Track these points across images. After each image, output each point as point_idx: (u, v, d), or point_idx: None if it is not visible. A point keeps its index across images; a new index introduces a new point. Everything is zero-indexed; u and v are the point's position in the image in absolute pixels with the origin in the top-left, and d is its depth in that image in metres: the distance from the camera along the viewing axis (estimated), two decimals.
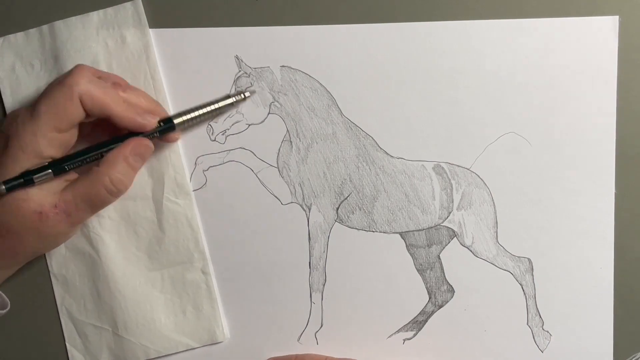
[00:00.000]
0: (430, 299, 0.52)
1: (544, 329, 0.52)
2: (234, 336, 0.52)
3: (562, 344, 0.52)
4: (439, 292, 0.52)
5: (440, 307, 0.52)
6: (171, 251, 0.52)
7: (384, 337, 0.52)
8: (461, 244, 0.52)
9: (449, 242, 0.52)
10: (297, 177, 0.52)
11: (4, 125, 0.47)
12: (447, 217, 0.52)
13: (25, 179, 0.45)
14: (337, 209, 0.52)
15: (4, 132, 0.46)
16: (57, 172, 0.46)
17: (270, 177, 0.52)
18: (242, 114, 0.51)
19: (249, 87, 0.51)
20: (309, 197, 0.52)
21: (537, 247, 0.52)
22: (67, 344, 0.52)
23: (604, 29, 0.51)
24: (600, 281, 0.52)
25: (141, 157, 0.49)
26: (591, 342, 0.52)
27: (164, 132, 0.49)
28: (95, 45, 0.51)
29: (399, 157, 0.52)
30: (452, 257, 0.52)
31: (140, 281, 0.52)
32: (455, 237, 0.52)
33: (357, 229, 0.52)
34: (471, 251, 0.52)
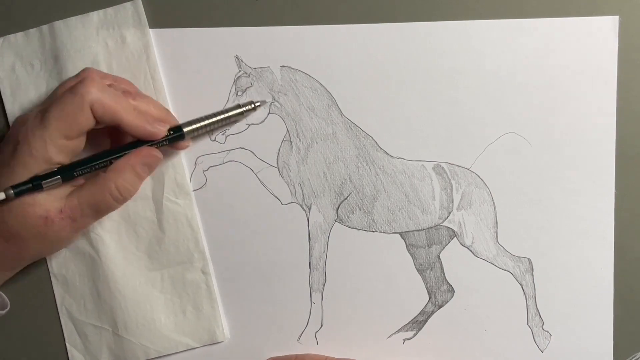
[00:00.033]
0: (430, 299, 0.52)
1: (544, 329, 0.52)
2: (234, 336, 0.52)
3: (562, 344, 0.52)
4: (439, 292, 0.52)
5: (440, 307, 0.52)
6: (171, 251, 0.52)
7: (384, 337, 0.52)
8: (461, 244, 0.52)
9: (449, 242, 0.52)
10: (297, 177, 0.52)
11: (12, 130, 0.48)
12: (447, 217, 0.52)
13: (34, 184, 0.45)
14: (337, 209, 0.52)
15: (13, 138, 0.46)
16: (66, 178, 0.46)
17: (270, 177, 0.52)
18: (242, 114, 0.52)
19: (259, 99, 0.51)
20: (309, 197, 0.52)
21: (537, 247, 0.52)
22: (67, 344, 0.52)
23: (604, 29, 0.51)
24: (600, 281, 0.52)
25: (149, 166, 0.48)
26: (591, 342, 0.52)
27: (173, 141, 0.49)
28: (95, 45, 0.51)
29: (399, 157, 0.52)
30: (452, 257, 0.52)
31: (140, 281, 0.52)
32: (455, 237, 0.52)
33: (357, 229, 0.52)
34: (471, 251, 0.52)
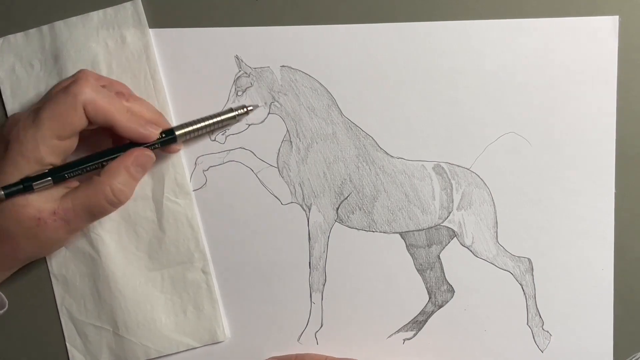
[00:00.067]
0: (430, 299, 0.52)
1: (544, 329, 0.52)
2: (234, 336, 0.52)
3: (562, 344, 0.52)
4: (439, 292, 0.52)
5: (440, 307, 0.52)
6: (171, 251, 0.52)
7: (384, 337, 0.52)
8: (461, 244, 0.52)
9: (449, 242, 0.52)
10: (297, 177, 0.52)
11: (4, 129, 0.47)
12: (447, 217, 0.52)
13: (24, 185, 0.45)
14: (337, 209, 0.52)
15: (4, 137, 0.46)
16: (57, 180, 0.46)
17: (270, 177, 0.52)
18: None
19: (252, 104, 0.51)
20: (309, 197, 0.52)
21: (537, 247, 0.52)
22: (67, 344, 0.52)
23: (604, 29, 0.51)
24: (600, 281, 0.52)
25: (143, 167, 0.48)
26: (591, 342, 0.52)
27: (165, 144, 0.49)
28: (95, 45, 0.51)
29: (399, 157, 0.52)
30: (452, 257, 0.52)
31: (140, 281, 0.52)
32: (455, 237, 0.52)
33: (357, 229, 0.52)
34: (471, 251, 0.52)
